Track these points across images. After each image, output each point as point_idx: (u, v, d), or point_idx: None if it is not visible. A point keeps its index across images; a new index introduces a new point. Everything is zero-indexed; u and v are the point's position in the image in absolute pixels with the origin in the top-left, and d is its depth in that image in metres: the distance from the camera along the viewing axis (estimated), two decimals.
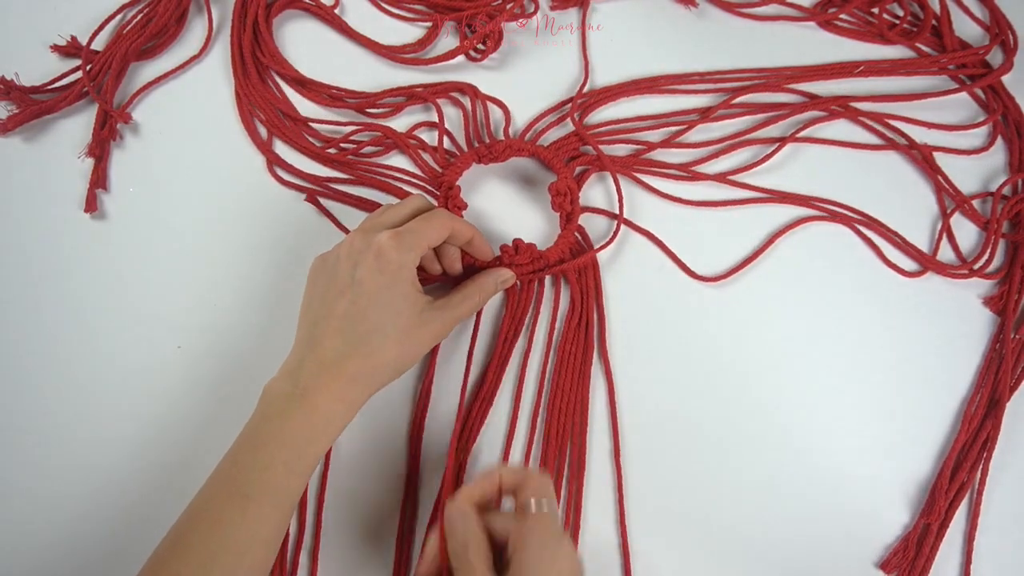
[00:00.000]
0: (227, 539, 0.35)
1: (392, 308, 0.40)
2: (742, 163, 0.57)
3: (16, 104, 0.54)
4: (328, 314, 0.40)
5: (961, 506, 0.47)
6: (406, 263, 0.41)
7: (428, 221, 0.43)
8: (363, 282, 0.40)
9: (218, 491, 0.37)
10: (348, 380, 0.39)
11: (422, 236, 0.42)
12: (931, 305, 0.53)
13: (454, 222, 0.44)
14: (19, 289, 0.50)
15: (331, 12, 0.60)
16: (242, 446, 0.38)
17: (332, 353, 0.39)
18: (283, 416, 0.38)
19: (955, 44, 0.63)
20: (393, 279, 0.40)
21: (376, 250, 0.40)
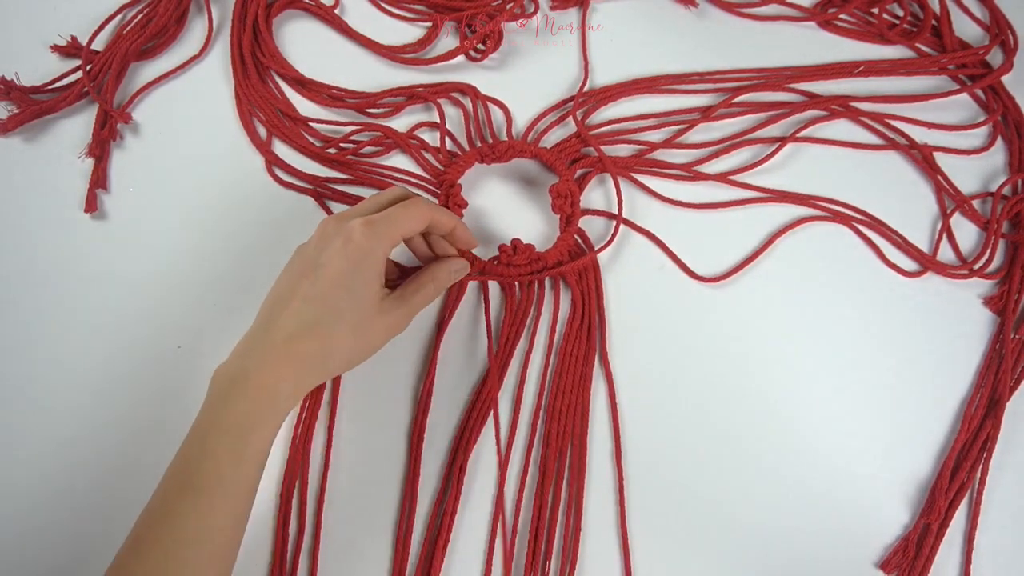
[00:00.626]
0: (180, 533, 0.35)
1: (352, 295, 0.40)
2: (742, 163, 0.57)
3: (16, 104, 0.54)
4: (289, 295, 0.39)
5: (961, 506, 0.47)
6: (373, 251, 0.40)
7: (405, 210, 0.42)
8: (326, 266, 0.39)
9: (169, 486, 0.36)
10: (297, 362, 0.38)
11: (395, 226, 0.41)
12: (931, 305, 0.53)
13: (433, 212, 0.43)
14: (19, 289, 0.50)
15: (331, 12, 0.60)
16: (191, 436, 0.37)
17: (283, 333, 0.38)
18: (226, 401, 0.37)
19: (955, 44, 0.63)
20: (357, 266, 0.40)
21: (346, 235, 0.40)
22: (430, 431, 0.47)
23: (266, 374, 0.37)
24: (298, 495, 0.45)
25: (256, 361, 0.38)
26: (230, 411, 0.37)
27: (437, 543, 0.44)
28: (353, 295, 0.40)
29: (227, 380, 0.38)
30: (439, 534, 0.44)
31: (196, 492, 0.35)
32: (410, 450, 0.46)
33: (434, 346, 0.49)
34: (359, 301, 0.40)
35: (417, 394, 0.48)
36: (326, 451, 0.46)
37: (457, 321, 0.50)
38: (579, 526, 0.45)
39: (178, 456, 0.37)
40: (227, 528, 0.36)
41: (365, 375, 0.48)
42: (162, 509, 0.36)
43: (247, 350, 0.39)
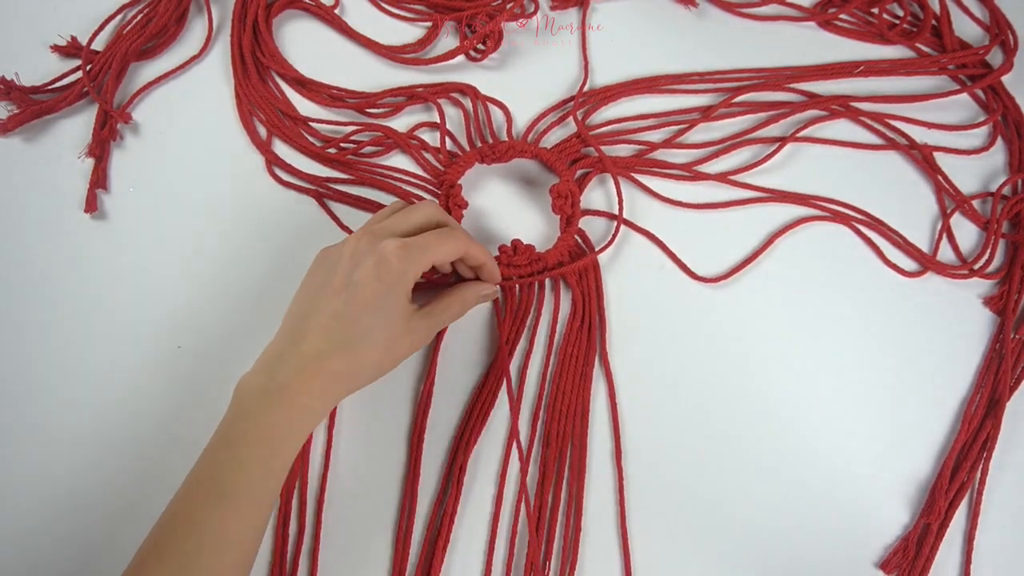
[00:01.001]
0: (204, 539, 0.35)
1: (384, 316, 0.40)
2: (743, 163, 0.57)
3: (16, 104, 0.54)
4: (319, 311, 0.40)
5: (961, 506, 0.47)
6: (406, 275, 0.41)
7: (442, 241, 0.42)
8: (360, 285, 0.40)
9: (195, 491, 0.37)
10: (328, 379, 0.39)
11: (430, 253, 0.41)
12: (931, 305, 0.53)
13: (469, 246, 0.44)
14: (19, 289, 0.50)
15: (331, 12, 0.60)
16: (218, 444, 0.38)
17: (315, 350, 0.39)
18: (259, 412, 0.38)
19: (955, 44, 0.63)
20: (390, 289, 0.40)
21: (380, 256, 0.40)
22: (430, 431, 0.47)
23: (298, 389, 0.38)
24: (298, 495, 0.45)
25: (288, 376, 0.38)
26: (263, 423, 0.37)
27: (437, 543, 0.44)
28: (383, 316, 0.40)
29: (259, 391, 0.38)
30: (439, 534, 0.44)
31: (223, 500, 0.36)
32: (410, 450, 0.46)
33: (434, 346, 0.49)
34: (389, 321, 0.40)
35: (417, 394, 0.48)
36: (326, 451, 0.46)
37: (457, 321, 0.50)
38: (579, 526, 0.45)
39: (204, 463, 0.37)
40: (249, 538, 0.37)
41: None
42: (186, 515, 0.36)
43: (277, 363, 0.39)
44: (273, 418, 0.38)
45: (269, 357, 0.40)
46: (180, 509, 0.36)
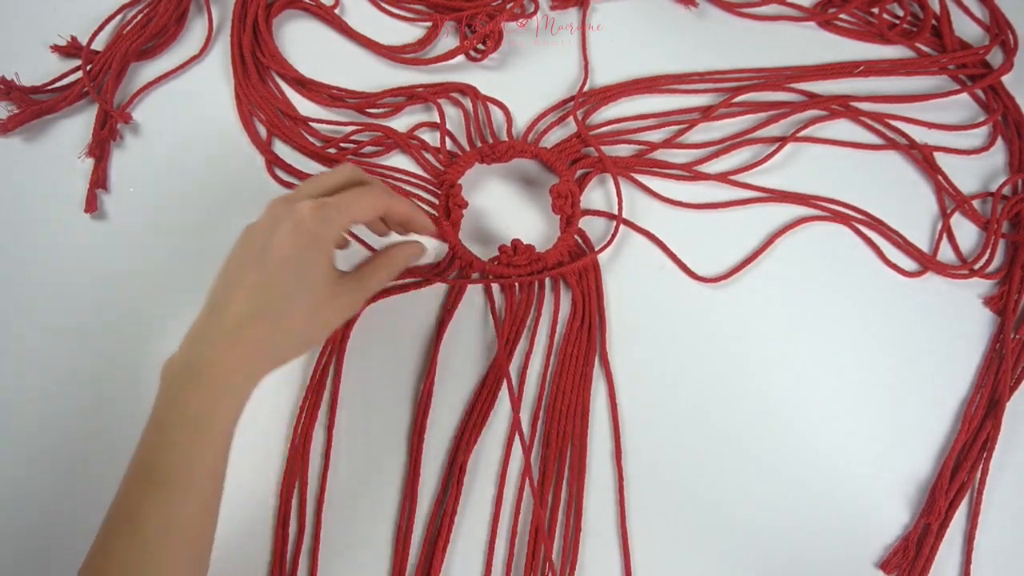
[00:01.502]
0: (146, 530, 0.34)
1: (303, 280, 0.39)
2: (743, 163, 0.57)
3: (16, 104, 0.54)
4: (237, 281, 0.38)
5: (961, 506, 0.47)
6: (324, 236, 0.39)
7: (358, 197, 0.41)
8: (274, 249, 0.38)
9: (131, 481, 0.36)
10: (249, 348, 0.37)
11: (347, 211, 0.40)
12: (931, 305, 0.53)
13: (390, 200, 0.42)
14: (19, 289, 0.50)
15: (331, 12, 0.60)
16: (148, 430, 0.37)
17: (235, 319, 0.37)
18: (182, 393, 0.36)
19: (955, 44, 0.63)
20: (308, 251, 0.38)
21: (295, 219, 0.38)
22: (430, 431, 0.47)
23: (219, 362, 0.37)
24: (298, 495, 0.45)
25: (208, 349, 0.37)
26: (187, 402, 0.36)
27: (437, 543, 0.44)
28: (303, 279, 0.39)
29: (180, 370, 0.37)
30: (439, 534, 0.44)
31: (160, 486, 0.35)
32: (410, 450, 0.46)
33: (434, 346, 0.49)
34: (309, 285, 0.39)
35: (417, 394, 0.48)
36: (326, 451, 0.46)
37: (457, 321, 0.50)
38: (579, 526, 0.45)
39: (138, 450, 0.36)
40: (195, 520, 0.36)
41: (365, 375, 0.48)
42: (127, 505, 0.35)
43: (197, 338, 0.38)
44: (195, 398, 0.36)
45: (191, 334, 0.38)
46: (120, 501, 0.36)
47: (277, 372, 0.48)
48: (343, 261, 0.44)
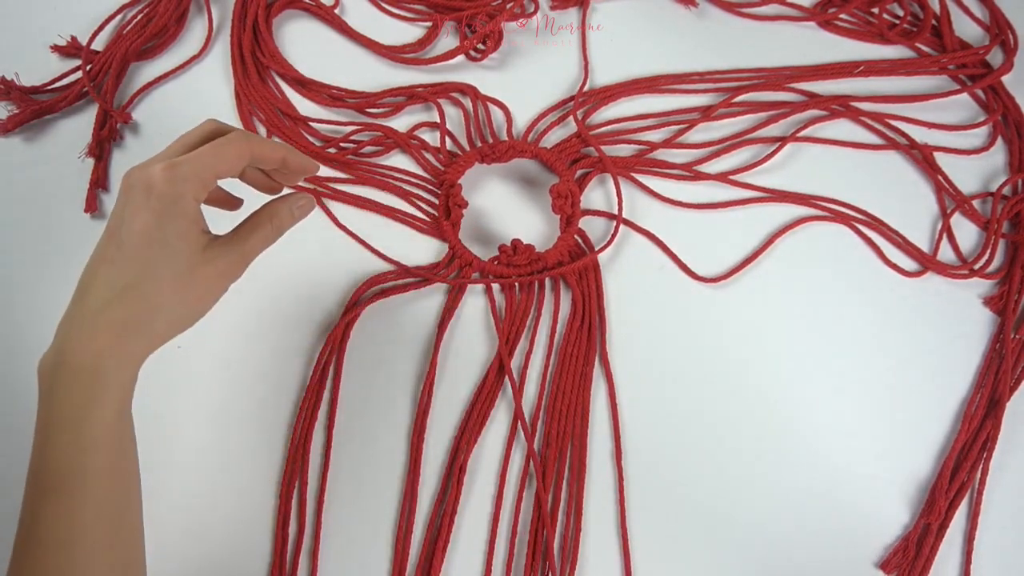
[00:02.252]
0: (45, 539, 0.32)
1: (165, 248, 0.35)
2: (743, 163, 0.57)
3: (16, 104, 0.54)
4: (98, 260, 0.35)
5: (961, 506, 0.47)
6: (182, 196, 0.35)
7: (215, 148, 0.36)
8: (130, 221, 0.35)
9: (27, 492, 0.34)
10: (115, 331, 0.34)
11: (204, 166, 0.36)
12: (931, 305, 0.53)
13: (252, 145, 0.37)
14: (19, 289, 0.50)
15: (331, 12, 0.60)
16: (35, 437, 0.34)
17: (96, 303, 0.34)
18: (54, 391, 0.34)
19: (955, 44, 0.63)
20: (164, 216, 0.35)
21: (146, 184, 0.35)
22: (430, 431, 0.47)
23: (84, 353, 0.34)
24: (298, 495, 0.45)
25: (72, 341, 0.34)
26: (59, 402, 0.34)
27: (437, 543, 0.44)
28: (165, 249, 0.35)
29: (51, 369, 0.34)
30: (439, 534, 0.44)
31: (48, 495, 0.33)
32: (410, 450, 0.46)
33: (434, 346, 0.49)
34: (175, 253, 0.35)
35: (417, 394, 0.48)
36: (326, 451, 0.46)
37: (457, 321, 0.50)
38: (579, 526, 0.45)
39: (30, 460, 0.34)
40: (97, 523, 0.34)
41: (365, 375, 0.48)
42: (27, 517, 0.33)
43: (63, 330, 0.35)
44: (67, 394, 0.33)
45: (59, 326, 0.35)
46: (22, 513, 0.34)
47: (277, 372, 0.48)
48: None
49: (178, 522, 0.43)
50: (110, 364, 0.34)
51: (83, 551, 0.33)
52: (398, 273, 0.50)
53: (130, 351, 0.35)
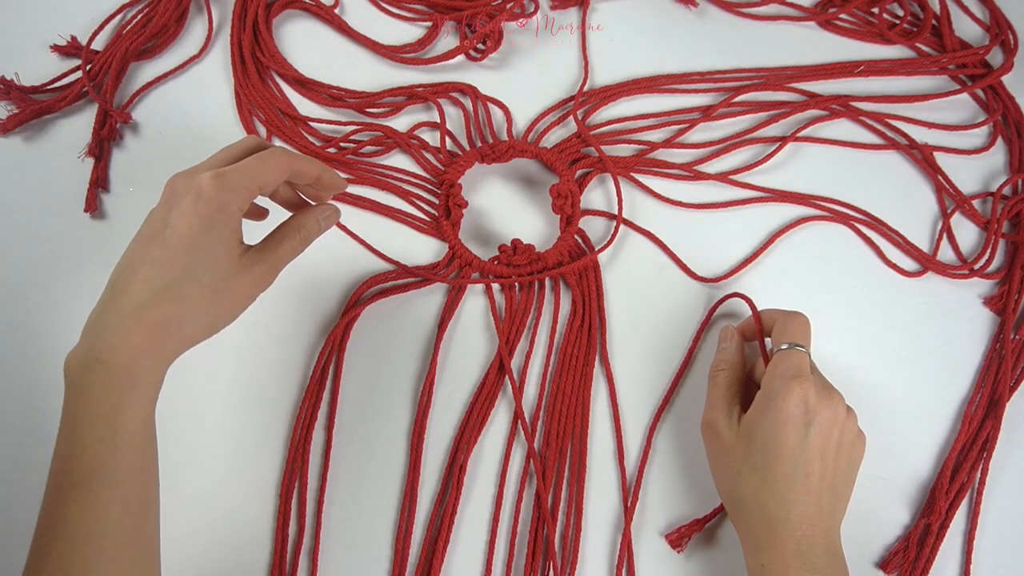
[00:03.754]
0: (71, 534, 0.33)
1: (207, 253, 0.36)
2: (743, 163, 0.57)
3: (16, 104, 0.54)
4: (137, 261, 0.36)
5: (961, 506, 0.47)
6: (227, 205, 0.37)
7: (260, 161, 0.38)
8: (176, 225, 0.36)
9: (51, 486, 0.34)
10: (152, 332, 0.35)
11: (250, 177, 0.37)
12: (931, 305, 0.53)
13: (292, 161, 0.39)
14: (19, 289, 0.50)
15: (331, 12, 0.60)
16: (59, 432, 0.35)
17: (134, 303, 0.35)
18: (86, 388, 0.34)
19: (955, 44, 0.63)
20: (210, 222, 0.36)
21: (195, 191, 0.36)
22: (430, 431, 0.47)
23: (119, 351, 0.34)
24: (298, 495, 0.45)
25: (107, 338, 0.35)
26: (90, 399, 0.34)
27: (437, 543, 0.44)
28: (207, 254, 0.36)
29: (81, 365, 0.35)
30: (439, 534, 0.44)
31: (76, 490, 0.33)
32: (410, 450, 0.46)
33: (434, 346, 0.49)
34: (214, 260, 0.37)
35: (417, 394, 0.48)
36: (326, 451, 0.46)
37: (457, 321, 0.50)
38: (579, 525, 0.45)
39: (53, 455, 0.35)
40: (123, 519, 0.34)
41: (365, 375, 0.48)
42: (50, 512, 0.34)
43: (96, 327, 0.35)
44: (100, 391, 0.34)
45: (89, 322, 0.36)
46: (44, 508, 0.34)
47: (277, 372, 0.48)
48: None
49: (179, 522, 0.43)
50: (145, 363, 0.35)
51: (109, 546, 0.33)
52: (398, 273, 0.50)
53: (164, 351, 0.36)
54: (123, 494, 0.34)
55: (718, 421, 0.43)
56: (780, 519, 0.39)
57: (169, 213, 0.36)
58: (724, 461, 0.42)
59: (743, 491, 0.40)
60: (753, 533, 0.40)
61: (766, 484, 0.39)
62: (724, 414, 0.43)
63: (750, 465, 0.40)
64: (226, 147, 0.40)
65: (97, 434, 0.34)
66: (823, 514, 0.39)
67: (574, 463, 0.46)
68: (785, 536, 0.38)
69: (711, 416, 0.43)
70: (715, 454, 0.43)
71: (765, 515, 0.39)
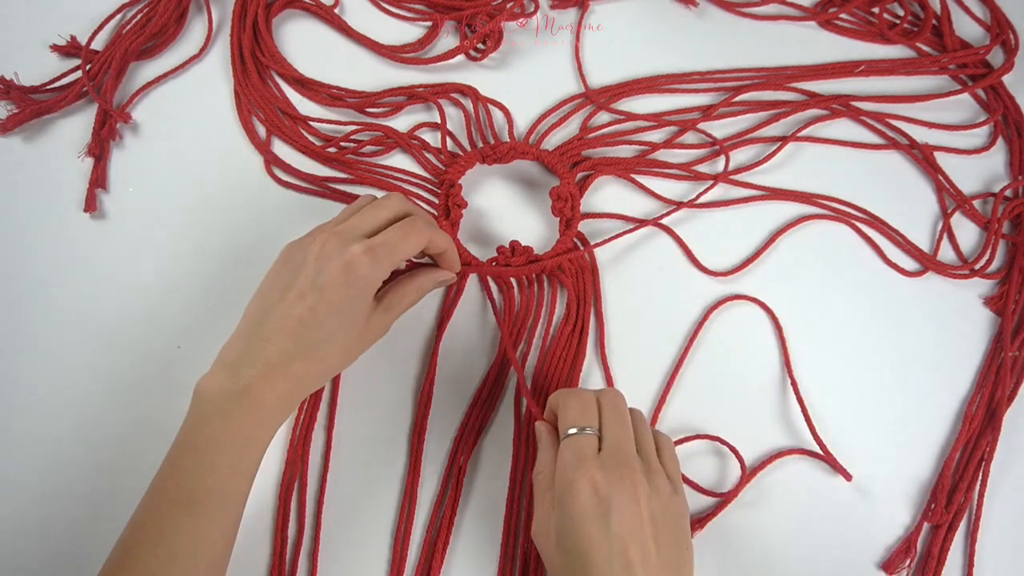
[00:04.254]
0: (176, 547, 0.35)
1: (347, 318, 0.40)
2: (744, 162, 0.57)
3: (16, 104, 0.54)
4: (283, 314, 0.39)
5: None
6: (373, 279, 0.40)
7: (405, 235, 0.41)
8: (325, 290, 0.39)
9: (160, 498, 0.36)
10: (292, 381, 0.39)
11: (396, 252, 0.41)
12: (931, 305, 0.53)
13: (431, 233, 0.43)
14: (19, 289, 0.50)
15: (331, 12, 0.60)
16: (182, 449, 0.37)
17: (280, 355, 0.38)
18: (224, 416, 0.37)
19: (955, 44, 0.63)
20: (358, 294, 0.40)
21: (346, 261, 0.39)
22: (430, 431, 0.47)
23: (264, 392, 0.38)
24: (297, 495, 0.45)
25: (252, 377, 0.37)
26: (229, 426, 0.37)
27: (437, 544, 0.44)
28: (348, 319, 0.40)
29: (222, 394, 0.37)
30: (439, 535, 0.44)
31: (193, 507, 0.35)
32: (410, 450, 0.46)
33: (434, 346, 0.49)
34: (352, 322, 0.40)
35: (417, 394, 0.48)
36: (326, 451, 0.46)
37: (457, 321, 0.50)
38: None
39: (169, 469, 0.37)
40: (221, 541, 0.37)
41: (365, 375, 0.48)
42: (155, 523, 0.35)
43: (241, 364, 0.38)
44: (239, 421, 0.37)
45: (230, 358, 0.38)
46: (148, 518, 0.36)
47: None
48: None
49: None
50: (281, 407, 0.39)
51: (203, 565, 0.36)
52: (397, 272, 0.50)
53: (297, 398, 0.40)
54: (228, 518, 0.37)
55: (539, 533, 0.38)
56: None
57: (319, 275, 0.39)
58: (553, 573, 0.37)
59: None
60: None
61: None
62: (544, 524, 0.38)
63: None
64: (373, 207, 0.43)
65: (227, 460, 0.37)
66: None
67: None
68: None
69: (536, 527, 0.38)
70: (548, 568, 0.38)
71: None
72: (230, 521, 0.37)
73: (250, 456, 0.38)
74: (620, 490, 0.35)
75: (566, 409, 0.39)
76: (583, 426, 0.38)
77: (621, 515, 0.34)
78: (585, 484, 0.35)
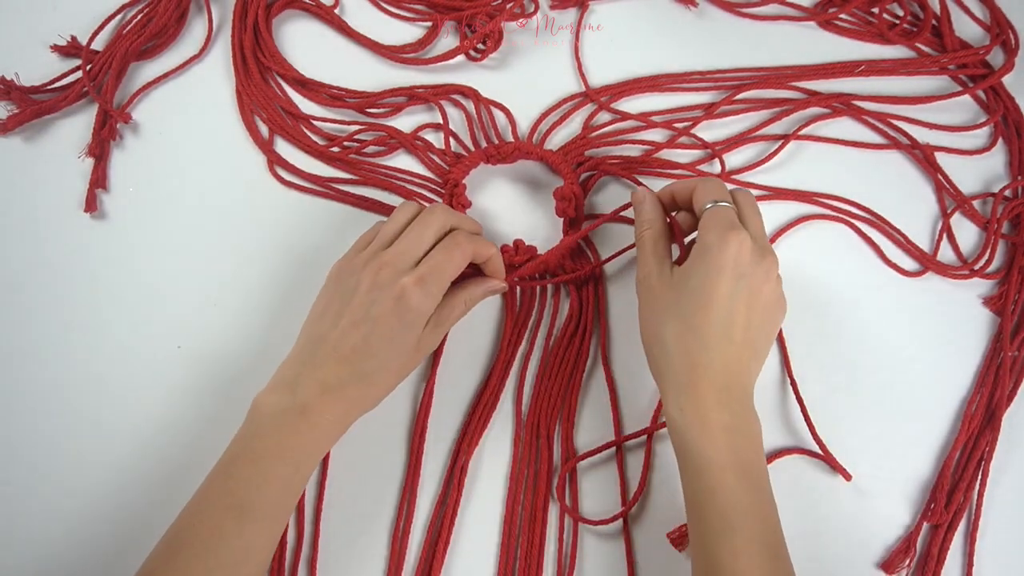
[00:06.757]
0: (223, 554, 0.36)
1: (400, 346, 0.41)
2: (745, 161, 0.57)
3: (16, 104, 0.54)
4: (338, 340, 0.40)
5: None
6: (425, 310, 0.41)
7: (449, 255, 0.42)
8: (379, 321, 0.40)
9: (212, 504, 0.37)
10: (348, 403, 0.40)
11: (444, 276, 0.42)
12: (931, 305, 0.53)
13: (474, 245, 0.44)
14: (19, 289, 0.50)
15: (331, 12, 0.60)
16: (237, 459, 0.38)
17: (335, 380, 0.40)
18: (282, 431, 0.38)
19: (955, 44, 0.63)
20: (410, 325, 0.41)
21: (399, 294, 0.40)
22: (430, 431, 0.47)
23: (320, 410, 0.39)
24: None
25: (309, 397, 0.39)
26: (287, 442, 0.38)
27: (437, 544, 0.44)
28: (400, 346, 0.41)
29: (280, 411, 0.39)
30: (439, 536, 0.44)
31: (246, 514, 0.36)
32: (410, 450, 0.46)
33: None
34: (404, 349, 0.42)
35: (417, 394, 0.48)
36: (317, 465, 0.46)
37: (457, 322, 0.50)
38: (576, 528, 0.45)
39: (220, 478, 0.38)
40: (263, 552, 0.38)
41: None
42: (205, 529, 0.36)
43: (298, 384, 0.40)
44: (296, 437, 0.38)
45: (287, 378, 0.40)
46: (196, 523, 0.37)
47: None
48: None
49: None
50: (337, 426, 0.41)
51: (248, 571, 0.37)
52: None
53: (352, 418, 0.42)
54: (273, 530, 0.38)
55: (651, 275, 0.43)
56: (702, 364, 0.39)
57: (372, 306, 0.41)
58: (654, 308, 0.42)
59: (668, 335, 0.40)
60: (674, 378, 0.40)
61: (692, 330, 0.40)
62: (656, 268, 0.43)
63: (679, 311, 0.40)
64: (419, 228, 0.43)
65: (281, 471, 0.38)
66: (742, 365, 0.40)
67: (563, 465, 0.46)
68: (706, 381, 0.39)
69: (644, 271, 0.44)
70: (646, 304, 0.43)
71: (688, 360, 0.39)
72: (274, 533, 0.38)
73: (303, 471, 0.39)
74: (760, 265, 0.40)
75: (708, 185, 0.43)
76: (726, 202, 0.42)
77: (752, 283, 0.40)
78: (736, 244, 0.40)
